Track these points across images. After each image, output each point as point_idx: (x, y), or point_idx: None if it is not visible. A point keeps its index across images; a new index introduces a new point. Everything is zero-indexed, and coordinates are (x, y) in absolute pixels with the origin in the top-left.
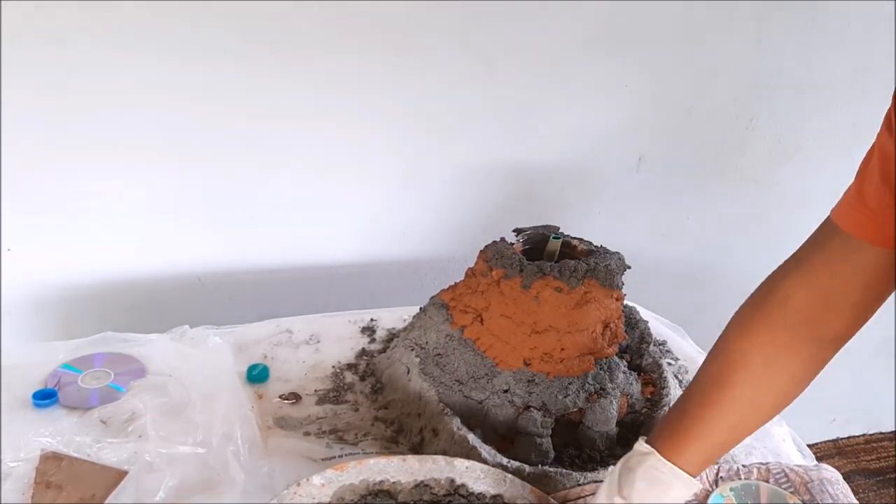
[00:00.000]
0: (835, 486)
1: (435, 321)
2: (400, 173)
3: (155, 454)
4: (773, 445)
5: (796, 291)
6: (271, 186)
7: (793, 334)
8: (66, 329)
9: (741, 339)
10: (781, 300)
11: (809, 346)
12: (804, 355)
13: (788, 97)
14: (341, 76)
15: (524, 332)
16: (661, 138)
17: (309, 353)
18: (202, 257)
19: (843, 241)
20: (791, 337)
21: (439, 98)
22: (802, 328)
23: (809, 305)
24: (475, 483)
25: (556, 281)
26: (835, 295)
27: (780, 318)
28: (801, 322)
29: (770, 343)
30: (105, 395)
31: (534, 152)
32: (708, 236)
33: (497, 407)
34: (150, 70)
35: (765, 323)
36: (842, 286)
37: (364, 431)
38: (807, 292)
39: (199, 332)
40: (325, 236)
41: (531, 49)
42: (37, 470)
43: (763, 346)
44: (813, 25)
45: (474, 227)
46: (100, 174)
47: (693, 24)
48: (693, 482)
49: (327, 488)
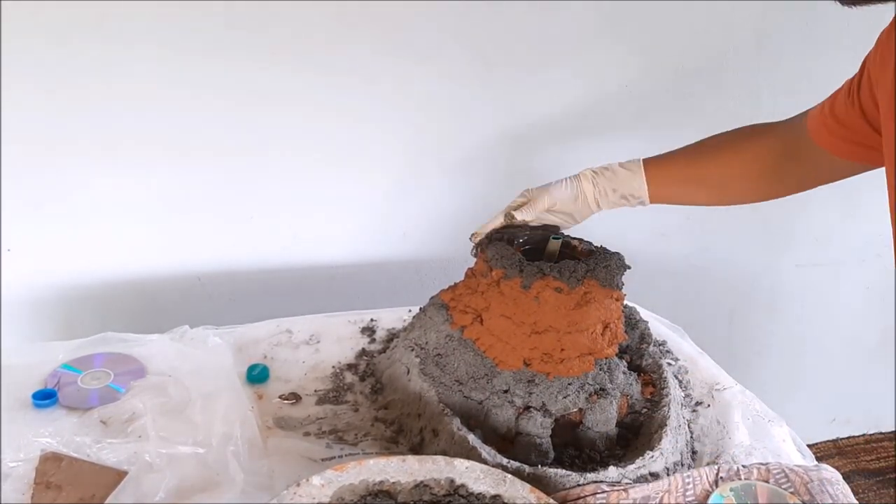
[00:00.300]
0: (835, 487)
1: (435, 321)
2: (400, 173)
3: (155, 454)
4: (773, 445)
5: (770, 136)
6: (271, 186)
7: (773, 148)
8: (66, 329)
9: (732, 132)
10: (770, 128)
11: (785, 162)
12: (772, 161)
13: (788, 97)
14: (341, 76)
15: (524, 332)
16: (661, 138)
17: (309, 353)
18: (202, 257)
19: (805, 133)
20: (772, 149)
21: (440, 97)
22: (782, 148)
23: (775, 147)
24: (475, 483)
25: (556, 281)
26: (799, 149)
27: (768, 135)
28: (783, 145)
29: (755, 140)
30: (105, 395)
31: (534, 152)
32: (708, 236)
33: (497, 407)
34: (150, 69)
35: (757, 131)
36: (803, 155)
37: (364, 432)
38: (777, 140)
39: (199, 332)
40: (326, 236)
41: (532, 48)
42: (36, 470)
43: (750, 137)
44: (813, 25)
45: (474, 227)
46: (100, 174)
47: (693, 24)
48: (645, 186)
49: (327, 489)
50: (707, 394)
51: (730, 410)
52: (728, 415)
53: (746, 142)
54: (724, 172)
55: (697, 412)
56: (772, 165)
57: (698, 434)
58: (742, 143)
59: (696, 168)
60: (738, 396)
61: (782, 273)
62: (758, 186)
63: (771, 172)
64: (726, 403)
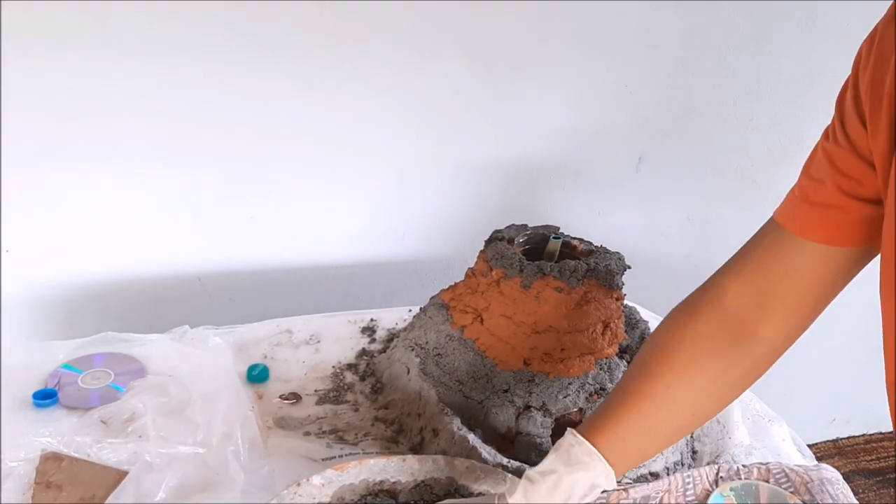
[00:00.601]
0: (835, 486)
1: (435, 321)
2: (400, 173)
3: (155, 454)
4: (773, 445)
5: (730, 288)
6: (271, 186)
7: (722, 329)
8: (66, 329)
9: (672, 330)
10: (716, 295)
11: (741, 344)
12: (734, 354)
13: (788, 97)
14: (340, 77)
15: (524, 332)
16: (661, 138)
17: (309, 353)
18: (202, 257)
19: (781, 237)
20: (720, 332)
21: (439, 98)
22: (734, 326)
23: (743, 303)
24: (475, 483)
25: (556, 281)
26: (770, 294)
27: (711, 313)
28: (733, 320)
29: (698, 336)
30: (105, 395)
31: (534, 152)
32: (708, 236)
33: (497, 407)
34: (150, 70)
35: (695, 317)
36: (778, 285)
37: (364, 431)
38: (741, 289)
39: (199, 332)
40: (326, 236)
41: (531, 48)
42: (37, 470)
43: (691, 339)
44: (813, 25)
45: (474, 227)
46: (100, 174)
47: (693, 24)
48: (608, 469)
49: (327, 488)
50: None
51: (730, 410)
52: (728, 414)
53: (688, 361)
54: (690, 402)
55: None
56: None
57: (698, 434)
58: (682, 366)
59: (645, 417)
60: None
61: None
62: (742, 377)
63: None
64: None
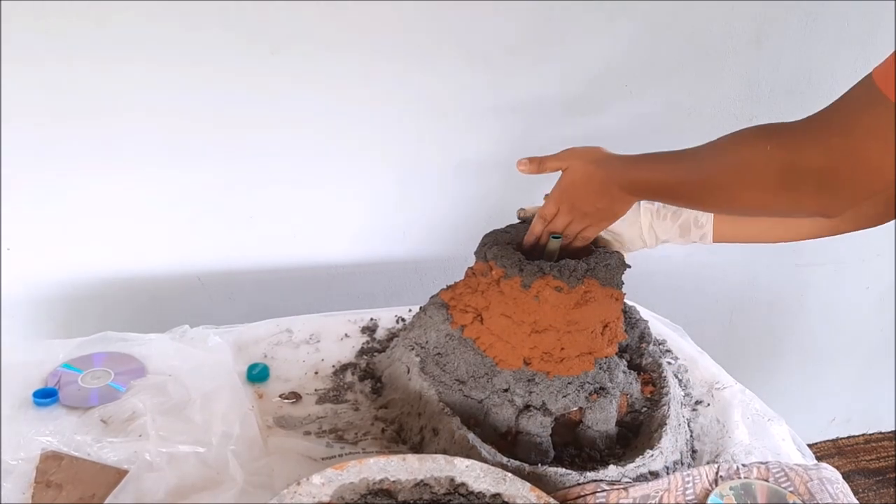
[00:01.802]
0: (835, 486)
1: (435, 321)
2: (400, 173)
3: (155, 453)
4: (772, 445)
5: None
6: (271, 186)
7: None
8: (67, 328)
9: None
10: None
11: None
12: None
13: (788, 97)
14: (341, 76)
15: (524, 331)
16: (662, 138)
17: (309, 352)
18: (202, 257)
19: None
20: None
21: (439, 97)
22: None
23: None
24: (475, 482)
25: (556, 280)
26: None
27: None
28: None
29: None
30: (105, 394)
31: (534, 152)
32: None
33: (497, 406)
34: (150, 70)
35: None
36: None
37: (364, 431)
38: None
39: (199, 331)
40: (326, 236)
41: (532, 49)
42: (37, 469)
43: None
44: (813, 25)
45: (474, 227)
46: (100, 174)
47: (693, 24)
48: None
49: (327, 487)
50: (707, 393)
51: (729, 409)
52: (728, 414)
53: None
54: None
55: (697, 411)
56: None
57: (698, 433)
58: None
59: None
60: (737, 395)
61: (782, 273)
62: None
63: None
64: (726, 402)
